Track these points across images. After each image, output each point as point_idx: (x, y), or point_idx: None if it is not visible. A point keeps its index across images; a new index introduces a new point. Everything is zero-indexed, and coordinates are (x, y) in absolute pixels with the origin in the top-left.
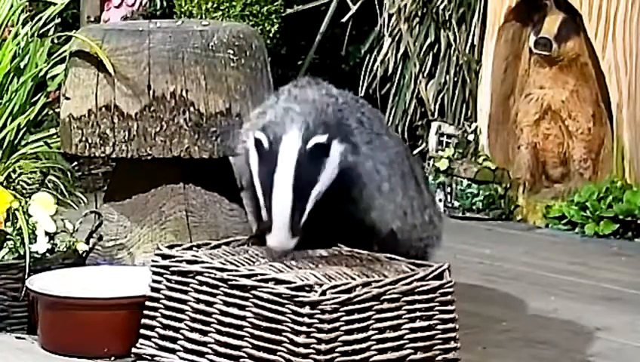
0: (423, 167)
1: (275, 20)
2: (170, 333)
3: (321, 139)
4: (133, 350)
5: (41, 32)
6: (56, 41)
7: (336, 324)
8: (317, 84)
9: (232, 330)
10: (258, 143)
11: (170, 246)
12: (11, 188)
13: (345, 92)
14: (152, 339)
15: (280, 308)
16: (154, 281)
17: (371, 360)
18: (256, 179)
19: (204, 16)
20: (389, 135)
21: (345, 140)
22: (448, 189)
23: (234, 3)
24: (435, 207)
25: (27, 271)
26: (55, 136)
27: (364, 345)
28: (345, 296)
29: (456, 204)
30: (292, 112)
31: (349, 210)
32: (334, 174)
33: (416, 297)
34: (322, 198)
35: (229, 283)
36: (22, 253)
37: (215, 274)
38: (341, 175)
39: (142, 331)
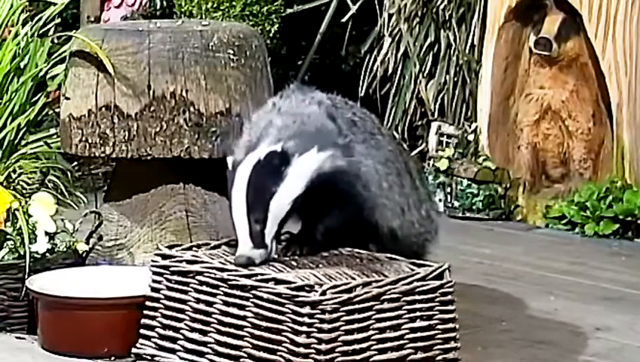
0: (417, 163)
1: (275, 20)
2: (170, 333)
3: (276, 147)
4: (133, 350)
5: (41, 32)
6: (56, 41)
7: (337, 324)
8: (302, 92)
9: (232, 330)
10: (227, 167)
11: (170, 247)
12: (11, 188)
13: (333, 95)
14: (152, 339)
15: (280, 308)
16: (154, 281)
17: (371, 360)
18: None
19: (204, 16)
20: (382, 134)
21: (329, 146)
22: (448, 189)
23: (234, 3)
24: (430, 201)
25: (27, 271)
26: (55, 136)
27: (364, 345)
28: (345, 296)
29: (456, 203)
30: (270, 127)
31: (352, 212)
32: (307, 182)
33: (417, 297)
34: (314, 205)
35: (229, 283)
36: (22, 253)
37: (215, 274)
38: (332, 180)
39: (142, 331)
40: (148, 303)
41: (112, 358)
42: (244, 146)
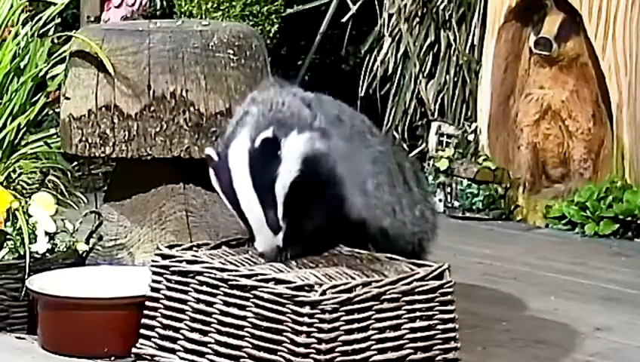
0: (415, 165)
1: (275, 20)
2: (170, 333)
3: (267, 133)
4: (133, 350)
5: (41, 32)
6: (56, 41)
7: (337, 324)
8: (281, 85)
9: (232, 330)
10: (209, 159)
11: (170, 246)
12: (11, 188)
13: (321, 94)
14: (152, 339)
15: (280, 308)
16: (154, 281)
17: (371, 360)
18: (221, 194)
19: (204, 16)
20: (373, 134)
21: (305, 129)
22: (448, 189)
23: (234, 3)
24: (426, 202)
25: (27, 271)
26: (55, 136)
27: (364, 345)
28: (345, 296)
29: (456, 203)
30: (247, 116)
31: (336, 200)
32: (298, 164)
33: (416, 297)
34: (300, 191)
35: (229, 283)
36: (22, 253)
37: (215, 274)
38: (313, 162)
39: (142, 331)
40: (148, 303)
41: (112, 358)
42: (223, 137)
